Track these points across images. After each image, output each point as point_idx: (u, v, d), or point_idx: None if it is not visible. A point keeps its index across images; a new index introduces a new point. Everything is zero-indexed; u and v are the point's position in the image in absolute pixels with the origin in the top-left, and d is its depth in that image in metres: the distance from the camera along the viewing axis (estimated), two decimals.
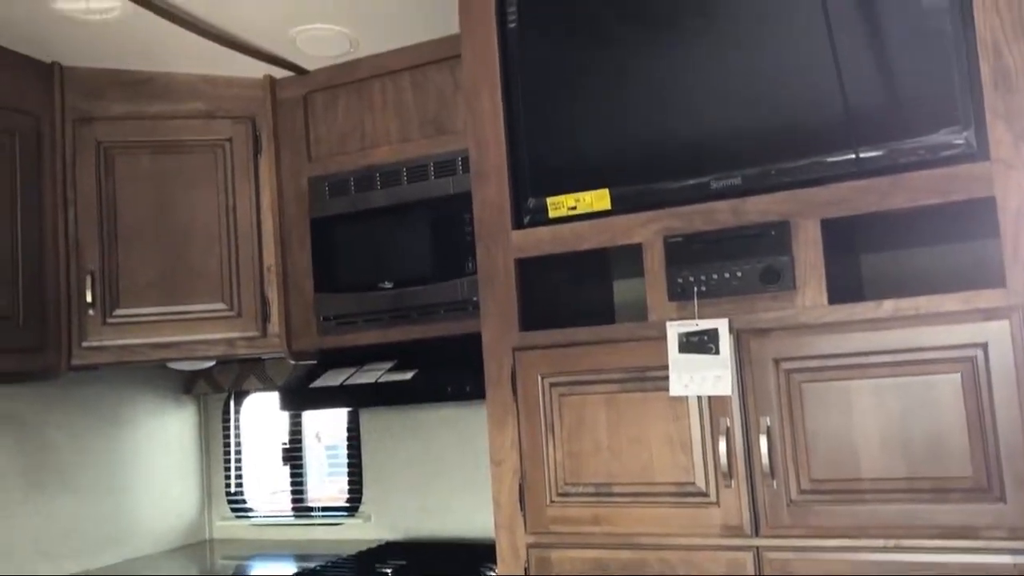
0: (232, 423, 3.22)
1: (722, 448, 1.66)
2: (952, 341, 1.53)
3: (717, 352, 1.66)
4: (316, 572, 2.50)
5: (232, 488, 3.20)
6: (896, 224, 1.75)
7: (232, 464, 3.21)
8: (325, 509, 3.05)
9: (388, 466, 2.87)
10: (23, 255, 2.31)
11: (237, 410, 3.23)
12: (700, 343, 1.67)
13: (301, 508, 3.11)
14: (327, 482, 3.14)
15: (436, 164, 2.41)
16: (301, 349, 2.57)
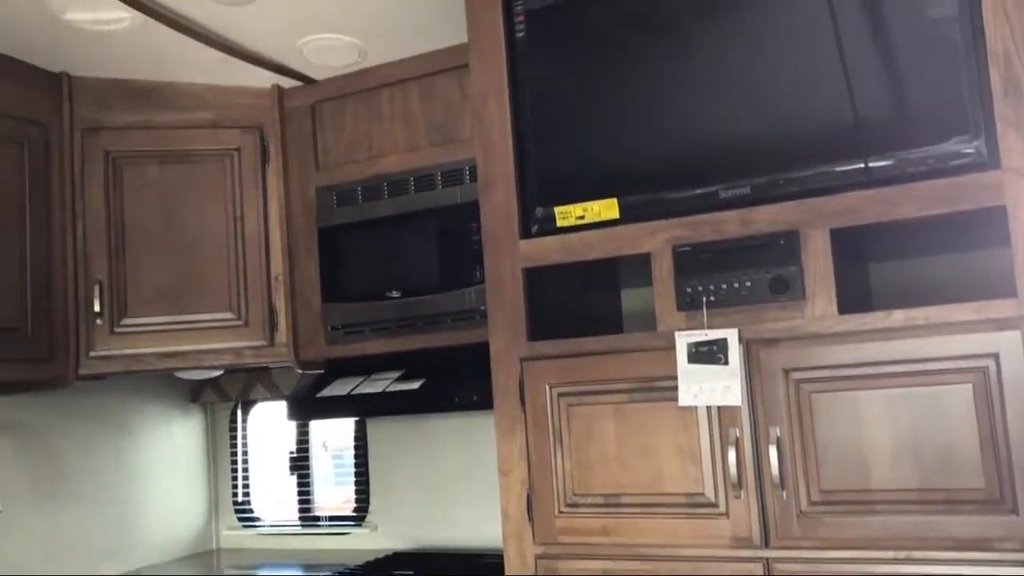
0: (239, 432, 3.22)
1: (731, 459, 1.65)
2: (963, 351, 1.52)
3: (726, 362, 1.65)
4: None
5: (239, 497, 3.20)
6: (905, 233, 1.75)
7: (239, 473, 3.21)
8: (332, 518, 3.05)
9: (395, 476, 2.87)
10: (31, 265, 2.32)
11: (244, 419, 3.23)
12: (709, 353, 1.66)
13: (308, 517, 3.10)
14: (334, 491, 3.14)
15: (443, 173, 2.41)
16: (308, 358, 2.57)
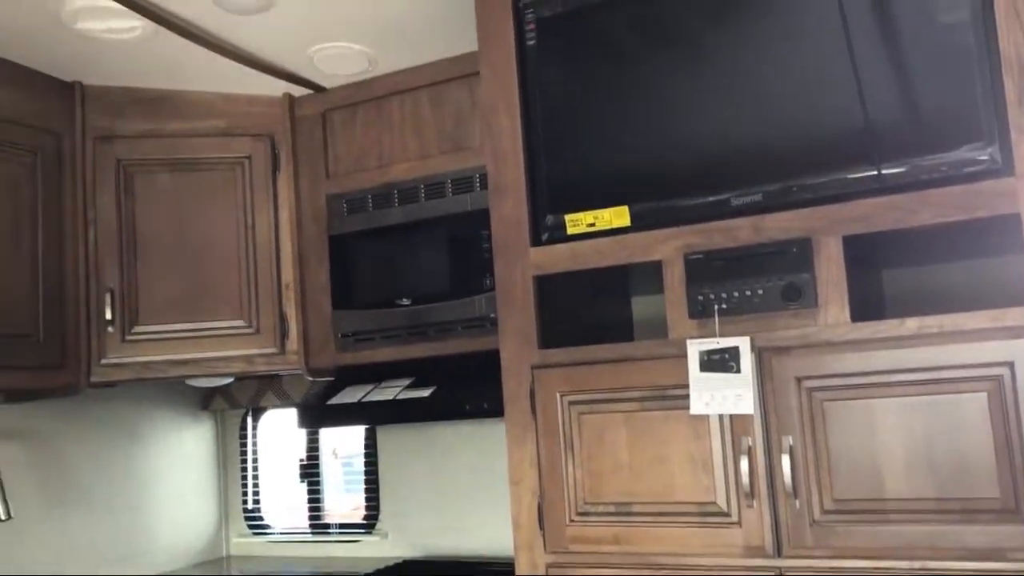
0: (249, 439, 3.22)
1: (744, 467, 1.64)
2: (978, 359, 1.50)
3: (738, 370, 1.64)
4: None
5: (249, 505, 3.20)
6: (919, 240, 1.74)
7: (249, 481, 3.21)
8: (342, 526, 3.05)
9: (405, 483, 2.86)
10: (44, 272, 2.33)
11: (254, 426, 3.23)
12: (721, 361, 1.65)
13: (318, 525, 3.10)
14: (344, 499, 3.13)
15: (454, 181, 2.41)
16: (319, 366, 2.57)
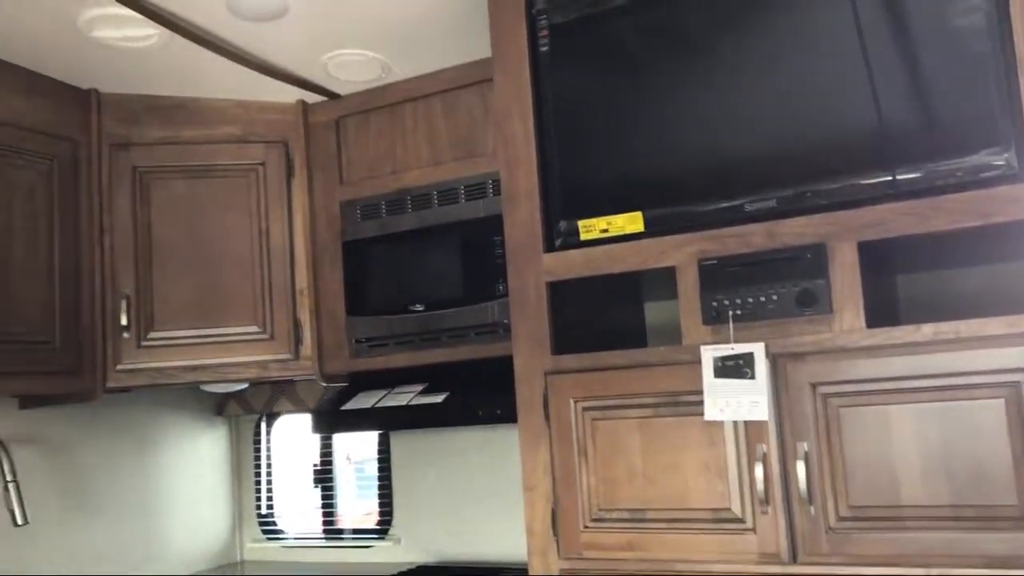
0: (263, 445, 3.23)
1: (758, 474, 1.64)
2: (995, 366, 1.49)
3: (753, 377, 1.63)
4: None
5: (263, 510, 3.21)
6: (935, 246, 1.73)
7: (263, 486, 3.22)
8: (356, 531, 3.05)
9: (419, 489, 2.86)
10: (60, 279, 2.34)
11: (268, 432, 3.24)
12: (735, 367, 1.65)
13: (332, 530, 3.11)
14: (357, 504, 3.14)
15: (467, 187, 2.41)
16: (333, 371, 2.57)
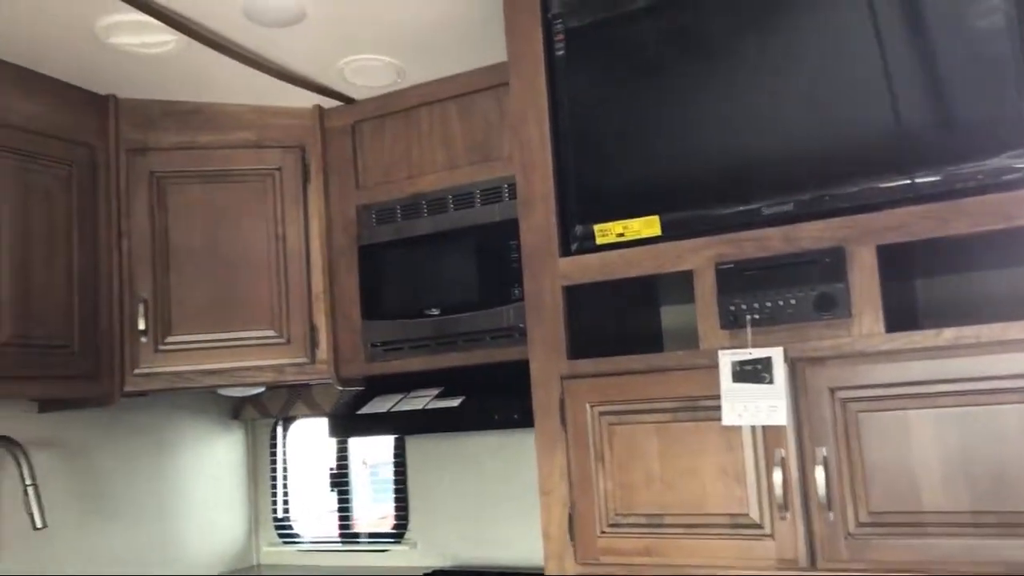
0: (280, 448, 3.24)
1: (777, 479, 1.63)
2: (1017, 370, 1.48)
3: (771, 381, 1.62)
4: None
5: (279, 514, 3.21)
6: (955, 249, 1.71)
7: (279, 490, 3.22)
8: (372, 535, 3.05)
9: (435, 493, 2.86)
10: (78, 284, 2.36)
11: (285, 435, 3.25)
12: (754, 372, 1.64)
13: (348, 534, 3.11)
14: (373, 508, 3.14)
15: (482, 191, 2.41)
16: (349, 375, 2.58)
